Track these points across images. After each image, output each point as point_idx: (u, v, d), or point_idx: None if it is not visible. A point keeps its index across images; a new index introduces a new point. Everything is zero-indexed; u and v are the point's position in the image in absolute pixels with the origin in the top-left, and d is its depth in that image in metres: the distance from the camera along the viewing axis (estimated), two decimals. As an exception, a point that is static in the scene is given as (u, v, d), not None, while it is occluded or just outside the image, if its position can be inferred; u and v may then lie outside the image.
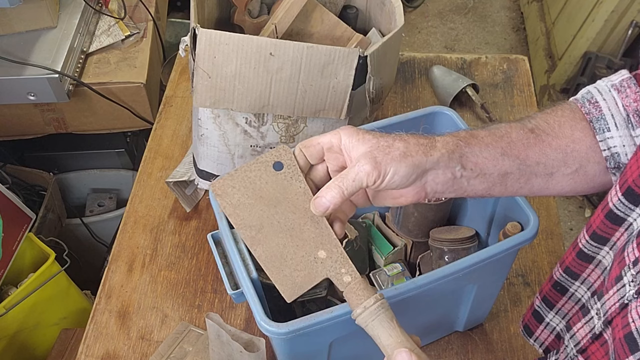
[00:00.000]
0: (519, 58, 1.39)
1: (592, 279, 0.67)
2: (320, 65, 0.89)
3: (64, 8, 1.46)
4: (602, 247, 0.64)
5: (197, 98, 0.93)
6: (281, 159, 0.66)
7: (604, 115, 0.65)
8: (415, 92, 1.33)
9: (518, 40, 2.97)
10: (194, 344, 0.94)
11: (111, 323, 0.98)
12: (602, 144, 0.65)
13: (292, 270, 0.64)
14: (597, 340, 0.62)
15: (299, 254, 0.64)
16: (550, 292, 0.72)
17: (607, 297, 0.59)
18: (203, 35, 0.87)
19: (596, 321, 0.61)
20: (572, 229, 2.25)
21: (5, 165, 1.56)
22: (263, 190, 0.65)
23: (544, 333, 0.76)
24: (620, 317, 0.56)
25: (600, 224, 0.62)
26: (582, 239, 0.66)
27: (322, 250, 0.64)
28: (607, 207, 0.61)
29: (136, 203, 1.14)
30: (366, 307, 0.60)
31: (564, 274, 0.70)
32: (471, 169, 0.63)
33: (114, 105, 1.46)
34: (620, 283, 0.57)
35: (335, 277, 0.63)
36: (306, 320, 0.67)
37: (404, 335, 0.59)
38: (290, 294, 0.63)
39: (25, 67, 1.33)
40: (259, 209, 0.65)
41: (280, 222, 0.65)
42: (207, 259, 1.05)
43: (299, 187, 0.65)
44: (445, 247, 0.88)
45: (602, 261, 0.65)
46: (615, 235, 0.62)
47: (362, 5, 1.14)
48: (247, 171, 0.66)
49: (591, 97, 0.66)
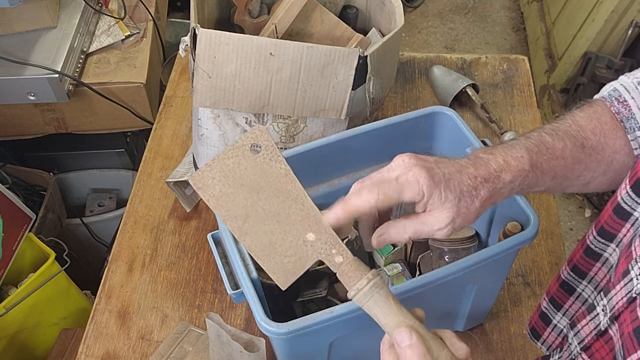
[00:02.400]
0: (519, 58, 1.39)
1: (598, 278, 0.67)
2: (320, 65, 0.89)
3: (64, 8, 1.46)
4: (609, 243, 0.64)
5: (197, 98, 0.93)
6: (257, 140, 0.63)
7: (634, 115, 0.66)
8: (415, 92, 1.33)
9: (518, 40, 2.97)
10: (194, 344, 0.94)
11: (111, 323, 0.98)
12: (633, 143, 0.66)
13: (283, 257, 0.62)
14: (602, 337, 0.62)
15: (288, 239, 0.62)
16: (558, 292, 0.73)
17: (614, 292, 0.59)
18: (203, 35, 0.87)
19: (602, 317, 0.61)
20: (572, 229, 2.25)
21: (5, 165, 1.56)
22: (243, 177, 0.63)
23: (552, 335, 0.76)
24: (628, 312, 0.56)
25: (608, 218, 0.63)
26: (589, 236, 0.66)
27: (310, 233, 0.62)
28: (615, 201, 0.62)
29: (136, 203, 1.14)
30: (359, 289, 0.59)
31: (571, 273, 0.70)
32: (519, 189, 0.64)
33: (114, 105, 1.46)
34: (628, 277, 0.57)
35: (327, 259, 0.61)
36: (306, 320, 0.67)
37: (401, 313, 0.57)
38: (284, 281, 0.62)
39: (25, 67, 1.33)
40: (242, 197, 0.63)
41: (265, 209, 0.63)
42: (207, 259, 1.05)
43: (280, 168, 0.63)
44: (445, 247, 0.88)
45: (608, 259, 0.65)
46: (621, 232, 0.62)
47: (362, 5, 1.14)
48: (224, 159, 0.63)
49: (619, 95, 0.67)
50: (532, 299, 0.99)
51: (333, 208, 0.61)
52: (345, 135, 0.88)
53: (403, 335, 0.55)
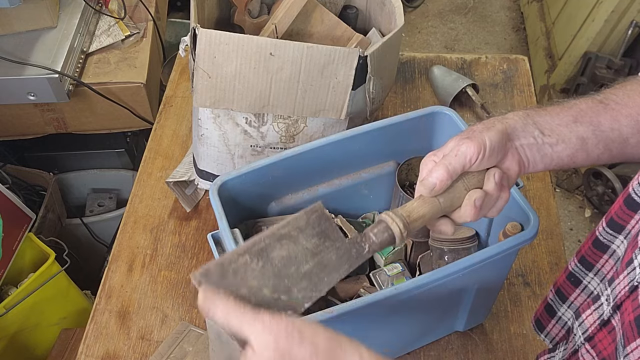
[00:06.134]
0: (519, 58, 1.39)
1: (605, 270, 0.68)
2: (320, 65, 0.89)
3: (64, 8, 1.46)
4: (617, 235, 0.65)
5: (197, 98, 0.93)
6: None
7: None
8: (415, 92, 1.33)
9: (518, 40, 2.97)
10: (194, 344, 0.94)
11: (111, 323, 0.98)
12: None
13: None
14: (604, 327, 0.62)
15: None
16: (564, 284, 0.73)
17: (618, 281, 0.59)
18: (203, 35, 0.87)
19: (605, 307, 0.62)
20: (572, 229, 2.25)
21: (5, 165, 1.56)
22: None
23: (555, 328, 0.77)
24: (630, 301, 0.56)
25: (619, 209, 0.64)
26: (599, 227, 0.67)
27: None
28: (627, 192, 0.62)
29: (136, 203, 1.14)
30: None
31: (578, 264, 0.70)
32: (549, 134, 0.64)
33: (114, 105, 1.46)
34: (631, 266, 0.57)
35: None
36: (306, 320, 0.67)
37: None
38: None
39: (25, 67, 1.33)
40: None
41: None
42: (207, 259, 1.05)
43: None
44: (445, 247, 0.88)
45: (616, 251, 0.66)
46: (630, 223, 0.63)
47: (362, 5, 1.14)
48: None
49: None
50: (532, 299, 0.99)
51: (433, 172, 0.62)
52: (345, 135, 0.88)
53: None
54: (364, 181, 0.96)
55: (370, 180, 0.96)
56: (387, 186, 0.97)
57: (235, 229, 0.79)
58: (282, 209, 0.92)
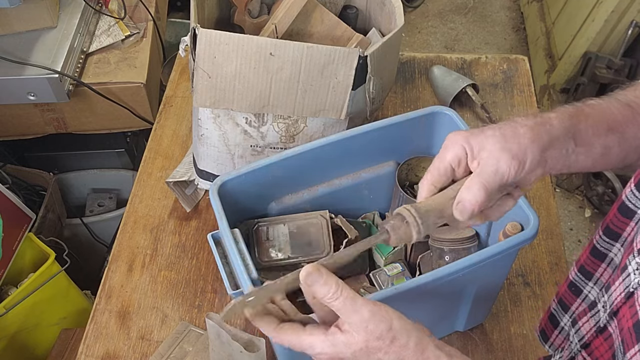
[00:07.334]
0: (519, 58, 1.39)
1: (603, 279, 0.67)
2: (320, 65, 0.89)
3: (64, 8, 1.46)
4: (614, 243, 0.64)
5: (197, 98, 0.93)
6: None
7: None
8: (415, 92, 1.32)
9: (518, 40, 2.97)
10: (194, 344, 0.94)
11: (111, 323, 0.98)
12: None
13: None
14: (601, 334, 0.62)
15: None
16: (566, 294, 0.73)
17: (614, 288, 0.59)
18: (203, 35, 0.87)
19: (602, 314, 0.62)
20: (572, 229, 2.25)
21: (5, 165, 1.56)
22: None
23: (558, 338, 0.76)
24: (627, 307, 0.56)
25: (614, 217, 0.63)
26: (596, 235, 0.66)
27: None
28: (620, 199, 0.62)
29: (136, 203, 1.14)
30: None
31: (578, 274, 0.70)
32: (581, 145, 0.62)
33: (114, 105, 1.46)
34: (626, 272, 0.57)
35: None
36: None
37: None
38: None
39: (25, 67, 1.33)
40: None
41: None
42: (207, 259, 1.05)
43: None
44: (445, 247, 0.88)
45: (613, 259, 0.65)
46: (626, 231, 0.63)
47: (362, 5, 1.14)
48: None
49: None
50: (532, 299, 0.99)
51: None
52: (345, 135, 0.88)
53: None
54: (364, 181, 0.96)
55: (370, 180, 0.96)
56: (387, 186, 0.97)
57: (235, 229, 0.79)
58: (282, 209, 0.92)
